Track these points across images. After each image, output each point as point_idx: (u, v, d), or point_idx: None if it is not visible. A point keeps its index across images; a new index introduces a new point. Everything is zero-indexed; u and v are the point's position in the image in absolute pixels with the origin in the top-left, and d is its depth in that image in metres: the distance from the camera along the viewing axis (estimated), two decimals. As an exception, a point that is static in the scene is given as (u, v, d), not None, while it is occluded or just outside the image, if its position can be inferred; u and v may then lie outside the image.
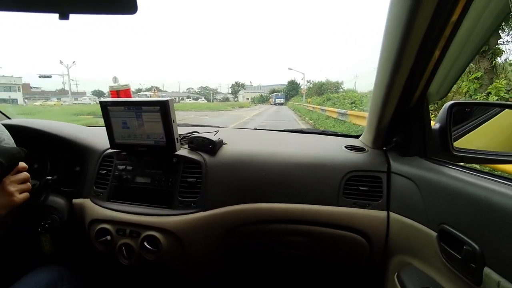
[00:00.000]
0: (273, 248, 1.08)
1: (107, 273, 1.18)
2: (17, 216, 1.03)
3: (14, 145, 0.89)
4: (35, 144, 1.16)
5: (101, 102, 1.02)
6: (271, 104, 58.69)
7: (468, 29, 0.68)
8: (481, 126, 0.99)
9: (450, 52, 0.73)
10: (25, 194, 0.85)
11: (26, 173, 0.86)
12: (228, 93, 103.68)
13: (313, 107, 19.36)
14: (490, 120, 0.99)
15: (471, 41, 0.72)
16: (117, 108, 1.01)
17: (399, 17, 0.68)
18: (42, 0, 0.69)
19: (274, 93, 67.23)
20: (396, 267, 0.93)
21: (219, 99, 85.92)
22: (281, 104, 53.84)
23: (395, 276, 0.88)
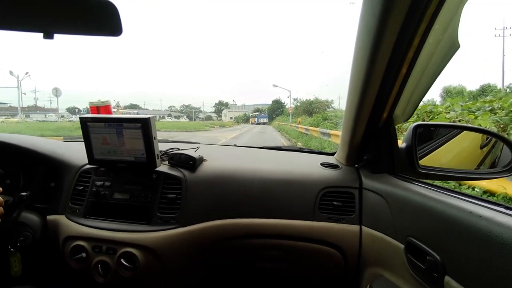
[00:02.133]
0: (252, 262, 1.09)
1: None
2: None
3: None
4: (7, 158, 1.13)
5: (81, 118, 1.03)
6: (253, 124, 58.09)
7: (424, 62, 0.76)
8: (443, 146, 1.07)
9: (410, 81, 0.81)
10: None
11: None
12: (211, 112, 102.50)
13: (306, 129, 14.28)
14: (451, 140, 1.07)
15: (427, 72, 0.80)
16: (97, 124, 1.02)
17: (365, 44, 0.75)
18: (27, 20, 0.71)
19: (257, 112, 66.85)
20: (369, 279, 0.97)
21: (202, 118, 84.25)
22: (264, 123, 53.67)
23: None
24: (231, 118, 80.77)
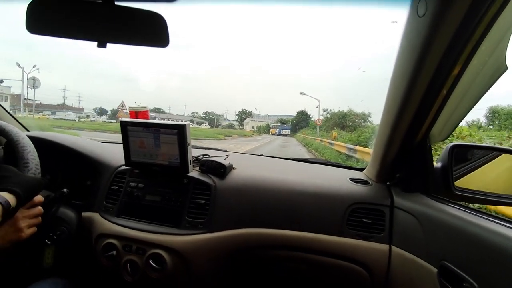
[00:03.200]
0: (275, 273, 1.09)
1: None
2: None
3: (39, 175, 0.90)
4: (49, 155, 1.20)
5: (121, 122, 1.08)
6: (273, 135, 54.82)
7: (468, 81, 0.75)
8: (480, 168, 1.04)
9: (451, 100, 0.79)
10: (33, 229, 0.85)
11: (40, 208, 0.87)
12: (234, 120, 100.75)
13: (350, 149, 9.58)
14: (489, 163, 1.03)
15: (470, 92, 0.78)
16: (136, 128, 1.07)
17: (407, 62, 0.75)
18: (84, 29, 0.77)
19: (279, 123, 63.49)
20: None
21: (224, 126, 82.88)
22: (285, 135, 50.37)
23: None
24: (253, 127, 78.61)
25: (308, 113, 58.20)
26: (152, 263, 1.00)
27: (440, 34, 0.64)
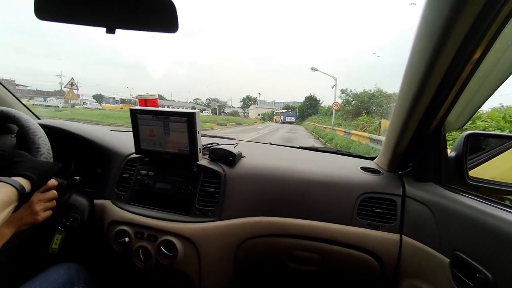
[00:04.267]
0: (285, 262, 1.10)
1: (121, 275, 1.21)
2: None
3: (52, 159, 0.91)
4: (61, 143, 1.21)
5: (131, 110, 1.08)
6: (277, 122, 51.45)
7: (489, 66, 0.71)
8: (496, 157, 1.01)
9: (470, 85, 0.76)
10: (49, 212, 0.88)
11: (54, 191, 0.89)
12: (238, 107, 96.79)
13: None
14: (505, 152, 1.01)
15: (491, 78, 0.75)
16: (146, 116, 1.06)
17: (425, 46, 0.72)
18: (93, 15, 0.76)
19: (284, 110, 59.12)
20: None
21: (227, 113, 78.07)
22: (290, 123, 47.62)
23: None
24: (258, 114, 75.93)
25: (318, 98, 52.73)
26: (163, 250, 1.01)
27: (462, 15, 0.61)
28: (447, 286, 0.75)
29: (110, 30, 0.76)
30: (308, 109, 50.92)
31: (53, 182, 0.88)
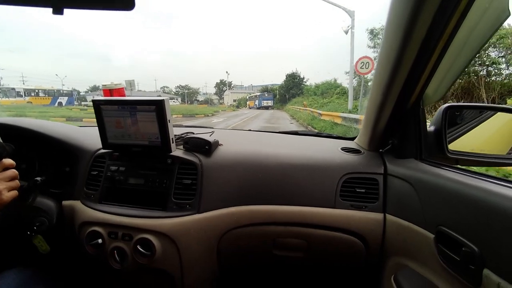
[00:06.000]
0: (270, 250, 1.07)
1: (96, 277, 1.15)
2: (4, 218, 1.00)
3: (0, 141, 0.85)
4: (23, 143, 1.12)
5: (93, 101, 1.00)
6: (251, 108, 43.55)
7: (465, 34, 0.69)
8: (475, 129, 1.01)
9: (447, 55, 0.74)
10: (14, 192, 0.83)
11: (14, 170, 0.83)
12: (211, 93, 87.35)
13: None
14: (483, 123, 1.00)
15: (468, 46, 0.73)
16: (110, 107, 0.98)
17: (398, 21, 0.69)
18: None
19: (259, 93, 48.22)
20: (392, 269, 0.93)
21: (201, 101, 69.57)
22: (267, 107, 40.10)
23: (392, 278, 0.88)
24: (234, 100, 66.76)
25: (302, 76, 43.94)
26: (140, 249, 0.96)
27: None
28: (433, 262, 0.74)
29: (57, 11, 0.67)
30: (291, 89, 42.47)
31: (9, 161, 0.82)
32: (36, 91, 34.17)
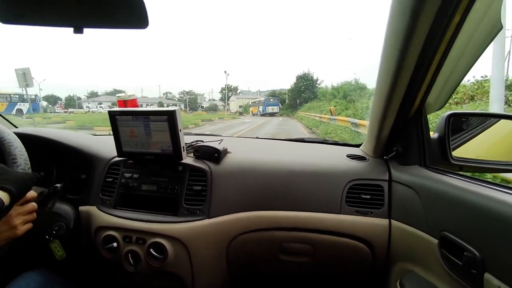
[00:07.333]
0: (276, 255, 1.09)
1: (111, 280, 1.19)
2: None
3: (30, 170, 0.87)
4: (42, 152, 1.18)
5: (109, 112, 1.05)
6: (255, 115, 38.93)
7: (462, 45, 0.72)
8: (478, 136, 1.02)
9: (446, 66, 0.76)
10: (28, 225, 0.83)
11: (34, 203, 0.84)
12: (213, 99, 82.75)
13: None
14: (487, 130, 1.01)
15: (466, 55, 0.75)
16: (125, 118, 1.04)
17: (397, 30, 0.71)
18: (58, 15, 0.73)
19: (263, 98, 42.91)
20: (398, 274, 0.94)
21: (204, 107, 64.86)
22: (273, 114, 36.04)
23: (398, 283, 0.89)
24: (240, 107, 60.76)
25: (315, 78, 37.44)
26: (153, 252, 1.00)
27: None
28: (437, 267, 0.75)
29: (78, 30, 0.73)
30: (303, 92, 36.49)
31: (32, 193, 0.83)
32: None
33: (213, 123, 21.55)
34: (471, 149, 1.00)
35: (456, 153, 0.96)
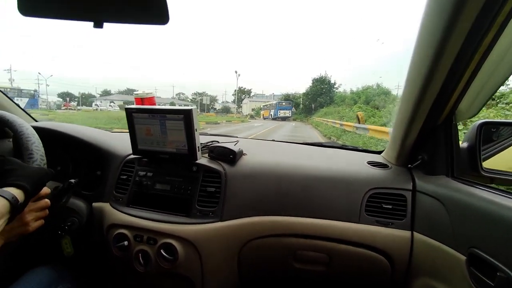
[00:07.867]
0: (290, 262, 1.05)
1: (121, 279, 1.18)
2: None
3: (45, 165, 0.86)
4: (59, 146, 1.19)
5: (126, 109, 1.05)
6: (266, 119, 38.14)
7: (503, 48, 0.66)
8: (511, 147, 0.96)
9: (483, 70, 0.71)
10: (40, 222, 0.82)
11: (47, 200, 0.83)
12: (226, 101, 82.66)
13: None
14: (521, 141, 0.95)
15: (505, 61, 0.70)
16: (141, 115, 1.03)
17: (433, 32, 0.67)
18: (79, 9, 0.72)
19: (275, 102, 41.17)
20: None
21: (218, 110, 65.90)
22: (284, 118, 34.48)
23: None
24: (252, 109, 60.15)
25: (331, 81, 35.87)
26: (163, 253, 0.98)
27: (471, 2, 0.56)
28: (463, 286, 0.70)
29: (98, 24, 0.72)
30: (319, 96, 34.61)
31: (45, 190, 0.83)
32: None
33: (216, 127, 19.56)
34: (503, 160, 0.94)
35: (486, 164, 0.91)
